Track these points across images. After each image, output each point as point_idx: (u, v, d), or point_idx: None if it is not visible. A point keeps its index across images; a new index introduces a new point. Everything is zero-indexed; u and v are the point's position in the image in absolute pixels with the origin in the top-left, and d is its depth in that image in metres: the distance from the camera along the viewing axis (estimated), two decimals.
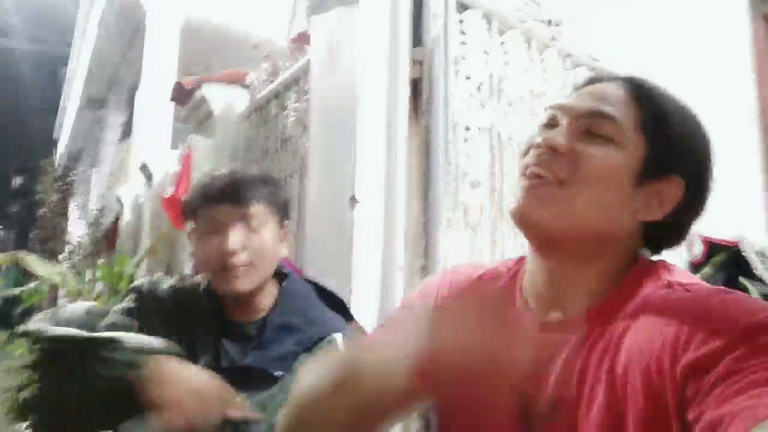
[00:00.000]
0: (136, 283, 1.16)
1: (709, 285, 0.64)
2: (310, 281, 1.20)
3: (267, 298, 1.10)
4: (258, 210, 1.05)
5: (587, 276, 0.68)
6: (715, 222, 2.47)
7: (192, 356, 1.05)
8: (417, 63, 1.78)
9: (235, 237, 1.02)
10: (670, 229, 0.70)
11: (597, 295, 0.68)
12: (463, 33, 1.87)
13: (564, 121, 0.68)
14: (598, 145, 0.66)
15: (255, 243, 1.04)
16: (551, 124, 0.69)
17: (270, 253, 1.07)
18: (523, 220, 0.67)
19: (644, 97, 0.68)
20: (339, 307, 1.15)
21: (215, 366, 1.04)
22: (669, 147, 0.66)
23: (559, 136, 0.66)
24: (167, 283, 1.15)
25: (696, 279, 0.66)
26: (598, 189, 0.65)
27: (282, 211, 1.11)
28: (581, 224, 0.65)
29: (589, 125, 0.67)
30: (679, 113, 0.68)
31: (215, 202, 1.04)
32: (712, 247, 2.56)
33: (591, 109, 0.67)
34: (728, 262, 2.51)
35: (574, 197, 0.64)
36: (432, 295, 0.81)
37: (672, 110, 0.67)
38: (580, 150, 0.65)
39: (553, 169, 0.65)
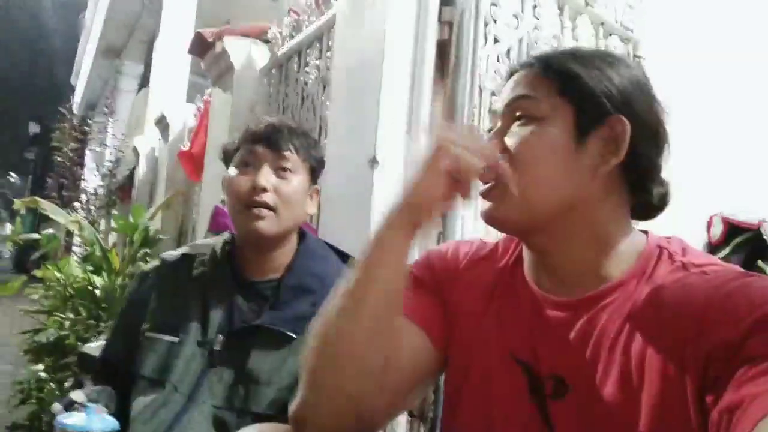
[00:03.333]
0: (144, 267, 1.21)
1: (725, 264, 0.63)
2: (329, 245, 1.20)
3: (285, 257, 1.11)
4: (291, 157, 1.09)
5: (583, 252, 0.68)
6: (738, 204, 2.43)
7: (206, 317, 1.06)
8: (445, 23, 1.73)
9: (266, 175, 1.06)
10: (645, 175, 0.69)
11: (604, 274, 0.67)
12: None
13: (498, 122, 0.72)
14: (524, 126, 0.68)
15: (282, 188, 1.07)
16: (493, 129, 0.73)
17: (295, 203, 1.09)
18: (490, 221, 0.70)
19: (552, 65, 0.69)
20: None
21: (229, 324, 1.05)
22: (591, 95, 0.66)
23: (489, 138, 0.71)
24: (178, 251, 1.18)
25: (711, 258, 0.65)
26: (538, 167, 0.66)
27: (314, 167, 1.14)
28: (542, 206, 0.66)
29: (513, 113, 0.69)
30: (587, 62, 0.68)
31: (253, 142, 1.08)
32: (733, 229, 2.52)
33: (509, 99, 0.71)
34: (748, 244, 2.48)
35: (521, 186, 0.66)
36: (439, 264, 0.81)
37: (580, 63, 0.68)
38: (508, 140, 0.68)
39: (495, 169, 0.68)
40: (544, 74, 0.69)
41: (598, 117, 0.66)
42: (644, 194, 0.70)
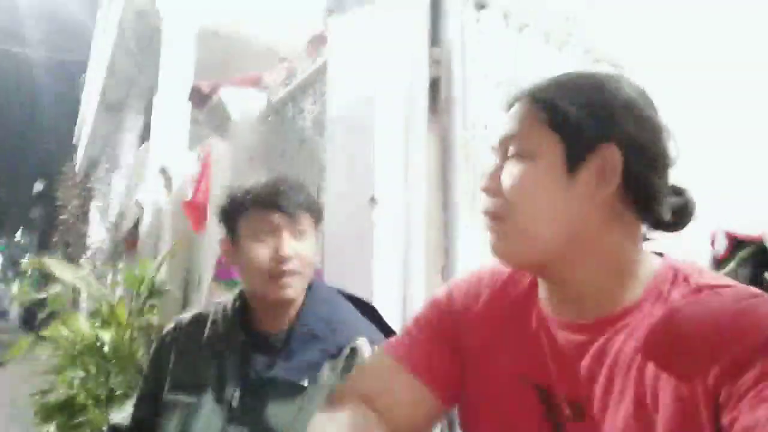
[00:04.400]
0: (162, 332, 1.21)
1: (738, 285, 0.62)
2: (340, 291, 1.20)
3: (294, 307, 1.11)
4: (304, 219, 1.08)
5: (594, 279, 0.67)
6: (742, 217, 2.42)
7: (221, 373, 1.07)
8: (436, 62, 1.78)
9: (288, 243, 1.05)
10: (645, 196, 0.66)
11: (618, 298, 0.67)
12: (480, 32, 1.85)
13: (496, 160, 0.73)
14: (516, 164, 0.68)
15: (301, 251, 1.07)
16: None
17: (313, 259, 1.10)
18: (498, 256, 0.70)
19: (538, 99, 0.69)
20: (371, 314, 1.16)
21: (244, 379, 1.06)
22: (577, 127, 0.65)
23: (486, 178, 0.72)
24: (190, 314, 1.19)
25: (725, 280, 0.65)
26: (532, 204, 0.66)
27: (318, 221, 1.14)
28: (542, 241, 0.66)
29: (505, 150, 0.70)
30: (573, 90, 0.67)
31: (265, 209, 1.06)
32: (737, 243, 2.51)
33: (500, 137, 0.72)
34: (753, 257, 2.46)
35: (517, 224, 0.67)
36: (456, 305, 0.81)
37: (565, 92, 0.67)
38: (501, 180, 0.69)
39: (493, 208, 0.69)
40: (531, 108, 0.69)
41: (587, 148, 0.65)
42: (651, 215, 0.67)
